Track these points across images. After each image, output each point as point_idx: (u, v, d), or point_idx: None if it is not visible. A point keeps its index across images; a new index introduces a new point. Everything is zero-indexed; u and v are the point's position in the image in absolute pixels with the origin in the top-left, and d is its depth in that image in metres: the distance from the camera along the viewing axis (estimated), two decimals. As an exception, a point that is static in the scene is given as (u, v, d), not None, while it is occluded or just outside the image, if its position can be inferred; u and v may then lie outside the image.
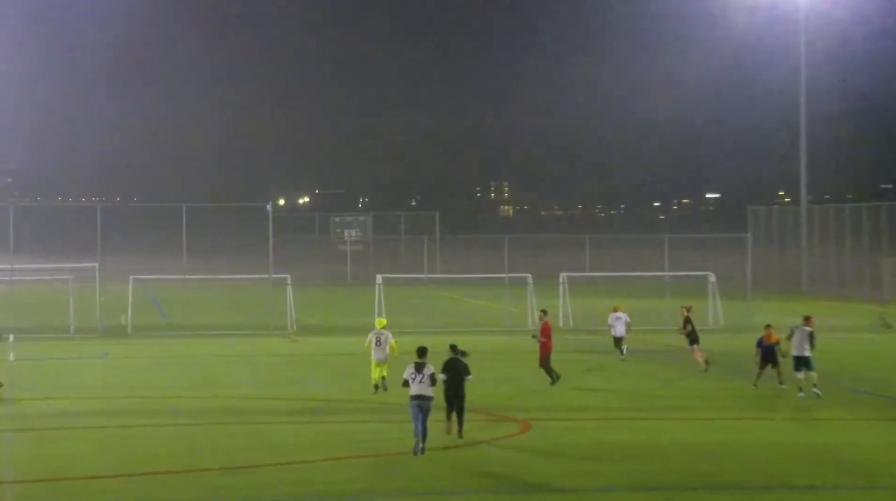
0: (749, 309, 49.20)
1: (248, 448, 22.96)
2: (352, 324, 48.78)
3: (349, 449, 22.66)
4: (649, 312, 52.95)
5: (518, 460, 21.82)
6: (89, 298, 47.91)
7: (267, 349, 41.45)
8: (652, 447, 22.97)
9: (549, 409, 27.40)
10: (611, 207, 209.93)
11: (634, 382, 32.22)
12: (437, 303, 57.63)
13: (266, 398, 29.45)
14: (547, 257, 76.18)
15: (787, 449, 22.66)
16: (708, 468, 21.12)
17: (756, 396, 29.56)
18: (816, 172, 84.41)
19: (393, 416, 26.60)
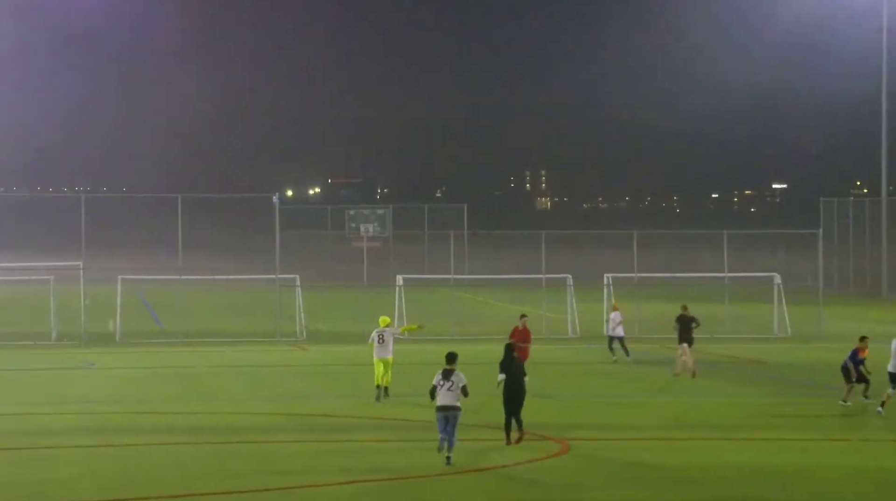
0: (820, 316, 49.08)
1: (251, 471, 23.10)
2: (368, 331, 48.80)
3: (365, 472, 22.78)
4: (706, 318, 52.90)
5: (555, 484, 21.89)
6: (73, 300, 48.26)
7: (273, 358, 41.66)
8: (707, 470, 22.99)
9: (589, 427, 27.47)
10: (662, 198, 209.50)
11: (686, 397, 32.23)
12: (464, 307, 57.73)
13: (271, 414, 29.61)
14: (589, 255, 76.18)
15: (864, 474, 22.63)
16: (765, 495, 21.13)
17: (828, 414, 29.52)
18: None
19: (414, 434, 26.72)
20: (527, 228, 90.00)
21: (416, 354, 42.28)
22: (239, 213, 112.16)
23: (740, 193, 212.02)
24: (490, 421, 28.14)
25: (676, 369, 36.22)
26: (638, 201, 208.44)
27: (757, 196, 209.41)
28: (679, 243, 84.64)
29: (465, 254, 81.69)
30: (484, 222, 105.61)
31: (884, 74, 74.10)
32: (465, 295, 63.24)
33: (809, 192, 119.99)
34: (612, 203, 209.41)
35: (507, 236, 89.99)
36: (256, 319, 53.10)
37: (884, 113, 74.52)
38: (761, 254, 71.79)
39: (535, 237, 58.73)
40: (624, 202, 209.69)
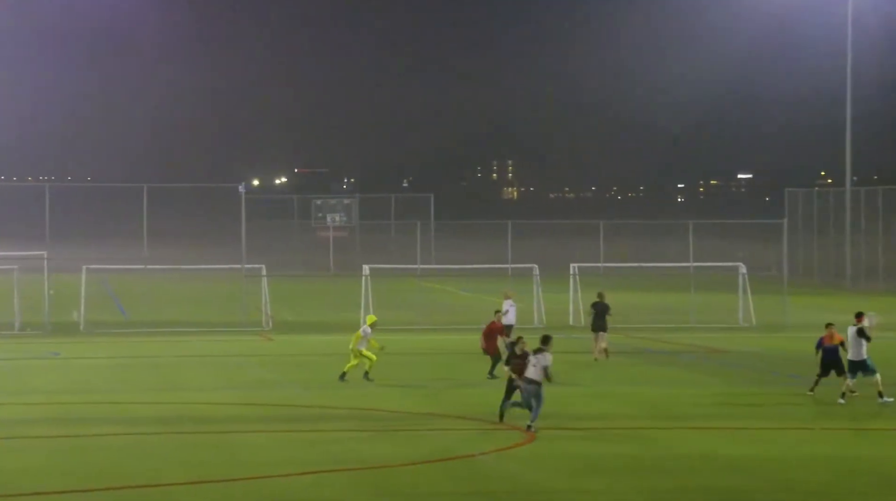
0: (785, 305, 49.36)
1: (217, 461, 23.10)
2: (334, 321, 48.96)
3: (331, 462, 22.81)
4: (671, 308, 53.15)
5: (520, 473, 21.99)
6: (37, 290, 48.05)
7: (238, 348, 41.60)
8: (671, 460, 23.13)
9: (555, 417, 27.56)
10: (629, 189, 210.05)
11: (652, 387, 32.39)
12: (431, 297, 57.78)
13: (237, 404, 29.59)
14: (556, 245, 76.33)
15: (827, 464, 22.82)
16: (736, 484, 21.28)
17: (791, 403, 29.72)
18: (863, 150, 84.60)
19: (381, 423, 26.76)
20: (493, 217, 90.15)
21: (387, 344, 42.25)
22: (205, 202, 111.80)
23: (706, 183, 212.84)
24: (457, 412, 28.22)
25: (595, 353, 37.23)
26: (604, 191, 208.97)
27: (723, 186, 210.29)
28: (645, 233, 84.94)
29: (432, 244, 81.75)
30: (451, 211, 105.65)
31: (848, 65, 74.53)
32: (431, 285, 63.26)
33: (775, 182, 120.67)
34: (579, 193, 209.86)
35: (474, 226, 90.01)
36: (222, 309, 53.00)
37: (848, 104, 74.97)
38: (727, 244, 72.09)
39: (501, 227, 58.82)
40: (590, 192, 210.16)
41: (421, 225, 73.23)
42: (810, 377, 32.23)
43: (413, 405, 29.24)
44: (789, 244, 57.62)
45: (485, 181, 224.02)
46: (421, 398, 30.41)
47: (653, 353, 39.85)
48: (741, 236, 77.41)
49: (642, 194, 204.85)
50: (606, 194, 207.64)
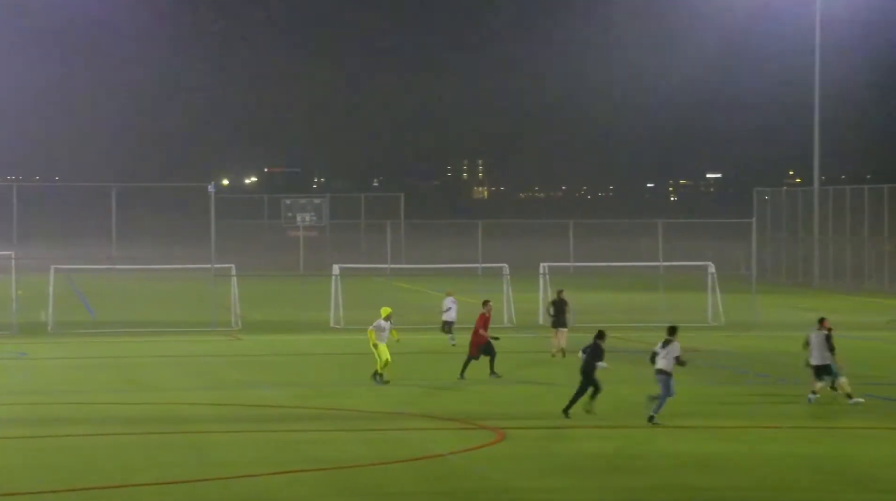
0: (753, 304, 49.60)
1: (188, 461, 23.08)
2: (304, 320, 48.93)
3: (301, 461, 22.83)
4: (641, 307, 53.33)
5: (489, 473, 22.06)
6: (4, 290, 47.81)
7: (208, 348, 41.53)
8: (641, 458, 23.25)
9: (526, 416, 27.66)
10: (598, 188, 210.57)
11: (622, 386, 32.49)
12: (401, 296, 57.81)
13: (207, 404, 29.55)
14: (526, 245, 76.46)
15: (794, 461, 22.98)
16: (704, 482, 21.41)
17: (759, 402, 29.88)
18: (831, 150, 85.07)
19: (351, 423, 26.79)
20: (464, 217, 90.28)
21: (352, 344, 42.33)
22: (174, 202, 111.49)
23: (675, 182, 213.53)
24: (428, 411, 28.27)
25: (552, 349, 37.68)
26: (574, 191, 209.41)
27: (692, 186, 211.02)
28: (615, 233, 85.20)
29: (402, 243, 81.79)
30: (421, 211, 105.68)
31: (816, 66, 74.93)
32: (401, 284, 63.32)
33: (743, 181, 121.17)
34: (549, 193, 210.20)
35: (444, 226, 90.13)
36: (192, 309, 52.88)
37: (816, 104, 75.38)
38: (696, 243, 72.40)
39: (471, 227, 58.99)
40: (560, 192, 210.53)
41: (391, 225, 73.33)
42: (779, 376, 32.57)
43: (384, 404, 29.27)
44: (758, 244, 57.91)
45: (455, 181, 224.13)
46: (392, 397, 30.44)
47: (621, 352, 39.98)
48: (710, 236, 77.78)
49: (612, 193, 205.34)
50: (576, 193, 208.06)
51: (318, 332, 46.02)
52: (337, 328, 47.20)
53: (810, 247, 75.16)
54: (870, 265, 70.34)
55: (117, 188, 54.21)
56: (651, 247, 56.18)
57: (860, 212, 71.65)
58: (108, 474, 21.83)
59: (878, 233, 69.73)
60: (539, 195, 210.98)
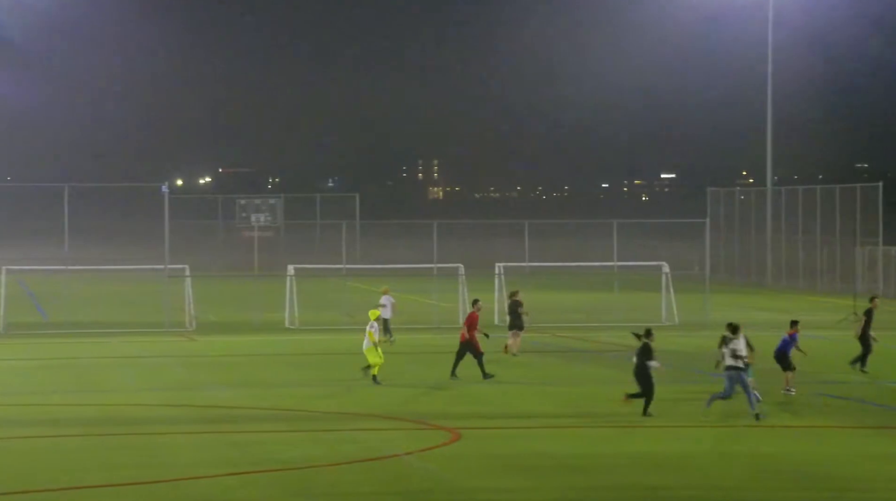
0: (707, 304, 49.79)
1: (140, 463, 22.90)
2: (259, 321, 48.72)
3: (255, 463, 22.71)
4: (596, 307, 53.43)
5: (445, 473, 22.01)
6: (-45, 292, 47.32)
7: (161, 349, 41.30)
8: (594, 458, 23.26)
9: (480, 416, 27.63)
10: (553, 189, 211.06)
11: (576, 385, 32.55)
12: (356, 297, 57.67)
13: (160, 406, 29.36)
14: (481, 245, 76.52)
15: (745, 461, 23.05)
16: (656, 482, 21.44)
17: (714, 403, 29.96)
18: (784, 150, 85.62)
19: (305, 424, 26.68)
20: (419, 217, 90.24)
21: (307, 344, 42.19)
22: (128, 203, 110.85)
23: (630, 183, 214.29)
24: (382, 412, 28.18)
25: (513, 350, 37.66)
26: (529, 191, 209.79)
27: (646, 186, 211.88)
28: (570, 233, 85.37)
29: (357, 244, 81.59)
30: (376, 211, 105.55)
31: (769, 67, 75.38)
32: (356, 285, 63.13)
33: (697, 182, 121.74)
34: (504, 193, 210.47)
35: (400, 226, 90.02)
36: (145, 309, 52.56)
37: (769, 105, 75.82)
38: (650, 243, 72.67)
39: (427, 227, 58.83)
40: (515, 192, 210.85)
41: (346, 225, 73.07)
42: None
43: (338, 405, 29.17)
44: (711, 243, 58.15)
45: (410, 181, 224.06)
46: (346, 398, 30.35)
47: (577, 352, 40.05)
48: (664, 236, 78.09)
49: (567, 194, 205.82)
50: (531, 194, 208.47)
51: (273, 332, 45.84)
52: (292, 328, 47.04)
53: (763, 247, 75.61)
54: (822, 265, 70.81)
55: (70, 188, 53.70)
56: (606, 247, 56.26)
57: (812, 212, 72.13)
58: (58, 476, 21.62)
59: (830, 233, 70.20)
60: (494, 196, 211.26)
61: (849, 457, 23.37)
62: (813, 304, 59.99)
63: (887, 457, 23.31)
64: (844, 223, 69.16)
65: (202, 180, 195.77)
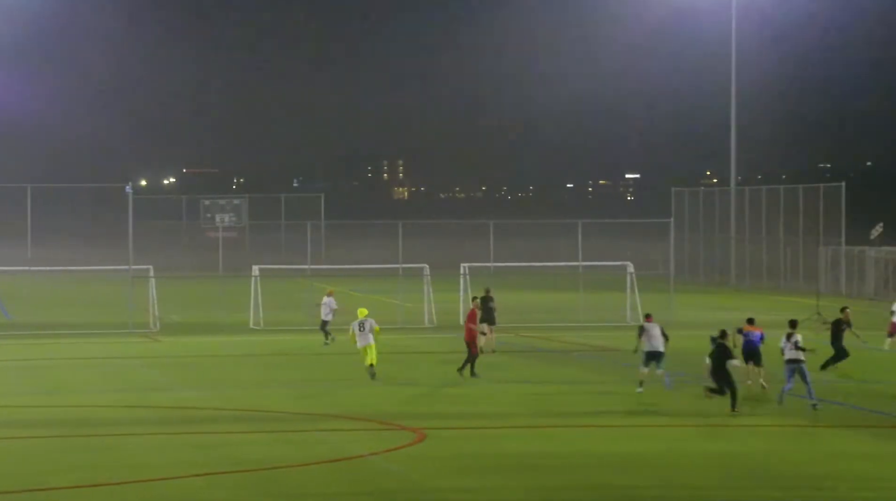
0: (671, 303, 50.02)
1: (105, 464, 22.87)
2: (224, 321, 48.64)
3: (221, 464, 22.71)
4: (560, 306, 53.60)
5: (411, 474, 22.08)
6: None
7: (126, 350, 41.19)
8: (559, 457, 23.38)
9: (445, 416, 27.72)
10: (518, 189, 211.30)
11: (542, 386, 32.67)
12: (321, 298, 57.57)
13: (125, 407, 29.31)
14: (446, 245, 76.59)
15: (714, 460, 23.21)
16: (620, 481, 21.58)
17: (679, 400, 30.15)
18: (747, 151, 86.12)
19: (271, 425, 26.69)
20: (384, 217, 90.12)
21: (272, 345, 42.17)
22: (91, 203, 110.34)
23: (595, 183, 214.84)
24: (349, 412, 28.23)
25: (490, 346, 37.91)
26: (494, 192, 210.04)
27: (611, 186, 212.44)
28: (535, 233, 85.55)
29: (322, 244, 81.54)
30: (341, 211, 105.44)
31: (733, 68, 75.78)
32: (322, 285, 63.03)
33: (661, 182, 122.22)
34: (469, 193, 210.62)
35: (365, 226, 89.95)
36: (109, 310, 52.38)
37: (732, 106, 76.23)
38: (615, 243, 72.88)
39: (392, 227, 58.84)
40: (480, 192, 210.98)
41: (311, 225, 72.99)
42: (696, 375, 32.81)
43: (305, 406, 29.20)
44: (676, 243, 58.43)
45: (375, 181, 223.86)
46: (313, 399, 30.38)
47: (543, 352, 40.19)
48: (629, 235, 78.32)
49: (532, 194, 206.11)
50: (496, 194, 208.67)
51: (238, 333, 45.79)
52: (256, 328, 47.00)
53: (727, 246, 76.02)
54: (785, 264, 71.25)
55: (32, 189, 53.46)
56: (571, 247, 56.45)
57: (776, 212, 72.58)
58: (24, 478, 21.57)
59: (793, 232, 70.64)
60: (459, 196, 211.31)
61: (817, 456, 23.59)
62: (776, 303, 60.34)
63: (854, 456, 23.54)
64: (807, 223, 69.62)
65: (166, 181, 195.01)
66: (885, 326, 41.53)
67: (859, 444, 24.94)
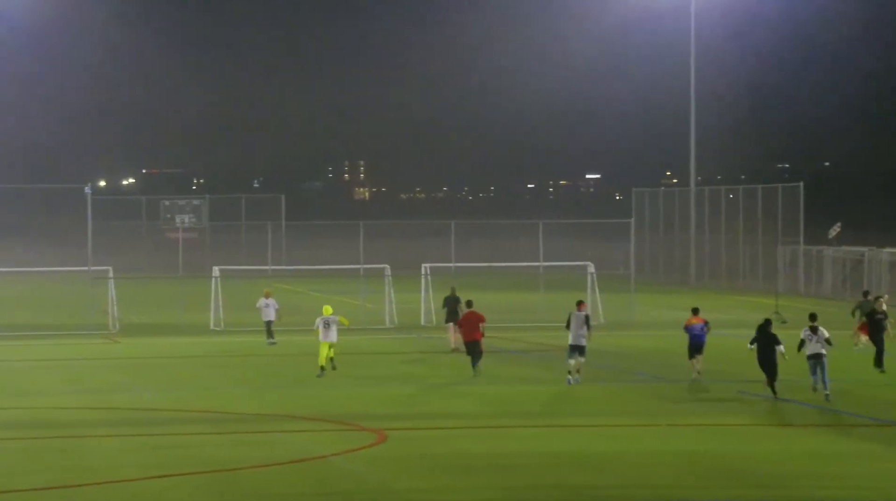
0: (632, 303, 50.19)
1: (64, 466, 22.71)
2: (184, 323, 48.41)
3: (181, 465, 22.59)
4: (521, 306, 53.64)
5: (372, 474, 22.03)
6: None
7: (85, 352, 40.94)
8: (521, 457, 23.37)
9: (407, 417, 27.67)
10: (479, 189, 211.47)
11: (505, 386, 32.68)
12: (282, 298, 57.43)
13: (85, 408, 29.12)
14: (407, 245, 76.55)
15: (673, 459, 23.26)
16: (586, 480, 21.59)
17: (640, 399, 30.23)
18: (707, 151, 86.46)
19: (229, 426, 26.58)
20: (345, 218, 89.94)
21: (233, 346, 42.03)
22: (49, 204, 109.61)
23: (555, 183, 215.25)
24: (310, 413, 28.15)
25: (452, 345, 38.46)
26: (455, 192, 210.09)
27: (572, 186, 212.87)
28: (496, 233, 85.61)
29: (283, 245, 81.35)
30: (302, 212, 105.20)
31: (692, 68, 76.07)
32: (283, 286, 62.90)
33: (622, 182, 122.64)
34: (430, 194, 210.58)
35: (326, 227, 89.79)
36: (68, 312, 52.05)
37: (692, 105, 76.53)
38: (576, 243, 73.02)
39: (353, 228, 58.69)
40: (441, 193, 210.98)
41: (272, 226, 72.81)
42: (656, 374, 33.02)
43: (265, 406, 29.10)
44: (636, 243, 58.61)
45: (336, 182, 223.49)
46: (273, 399, 30.28)
47: (505, 352, 40.21)
48: (590, 236, 78.50)
49: (493, 194, 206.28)
50: (458, 194, 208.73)
51: (198, 334, 45.60)
52: (217, 330, 46.82)
53: (687, 246, 76.34)
54: (744, 264, 71.62)
55: (-9, 190, 53.09)
56: (532, 247, 56.53)
57: (735, 212, 72.97)
58: (-19, 481, 21.38)
59: (752, 232, 71.02)
60: (420, 196, 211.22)
61: (773, 455, 23.67)
62: (735, 302, 60.64)
63: (811, 455, 23.65)
64: (766, 223, 70.02)
65: (126, 181, 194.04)
66: (844, 325, 41.74)
67: (823, 443, 25.06)
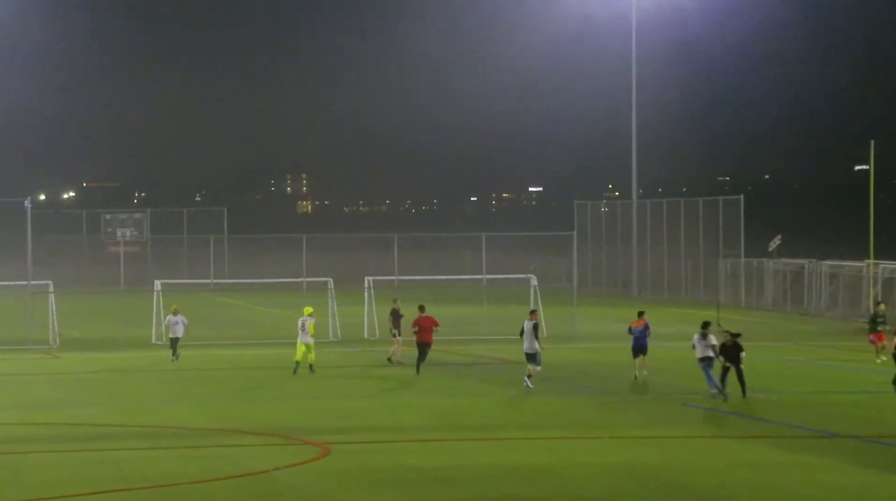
0: (574, 316, 50.32)
1: (4, 482, 22.43)
2: (126, 337, 48.03)
3: (120, 481, 22.39)
4: (465, 319, 53.65)
5: (314, 488, 21.93)
6: None
7: (24, 367, 40.51)
8: (463, 470, 23.34)
9: (349, 431, 27.58)
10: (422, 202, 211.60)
11: (448, 398, 32.67)
12: (225, 312, 57.18)
13: (23, 424, 28.81)
14: (350, 259, 76.42)
15: (613, 471, 23.30)
16: (525, 492, 21.59)
17: (581, 412, 30.30)
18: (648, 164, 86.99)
19: (169, 441, 26.38)
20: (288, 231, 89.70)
21: (179, 360, 41.70)
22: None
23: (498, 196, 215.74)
24: (251, 427, 27.98)
25: (396, 356, 39.47)
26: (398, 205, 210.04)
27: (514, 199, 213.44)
28: (439, 246, 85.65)
29: (225, 258, 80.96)
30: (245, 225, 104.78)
31: (633, 83, 76.56)
32: (225, 300, 62.65)
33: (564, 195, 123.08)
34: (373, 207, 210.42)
35: (268, 240, 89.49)
36: (7, 326, 51.49)
37: (633, 118, 77.02)
38: (519, 256, 73.18)
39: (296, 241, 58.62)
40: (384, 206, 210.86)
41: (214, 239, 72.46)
42: (599, 387, 33.10)
43: (206, 421, 28.91)
44: (579, 256, 58.80)
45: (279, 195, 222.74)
46: (214, 414, 30.09)
47: (447, 365, 40.18)
48: (533, 248, 78.72)
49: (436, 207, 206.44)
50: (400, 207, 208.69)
51: (140, 349, 45.27)
52: (158, 344, 46.47)
53: (629, 259, 76.71)
54: (686, 276, 72.05)
55: (-72, 203, 52.47)
56: (475, 260, 56.62)
57: (676, 224, 73.43)
58: (-83, 498, 21.09)
59: (693, 244, 71.48)
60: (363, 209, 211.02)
61: (713, 466, 23.78)
62: (677, 315, 60.95)
63: (750, 465, 23.77)
64: (707, 235, 70.51)
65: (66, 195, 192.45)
66: (784, 337, 42.08)
67: (756, 454, 25.20)
